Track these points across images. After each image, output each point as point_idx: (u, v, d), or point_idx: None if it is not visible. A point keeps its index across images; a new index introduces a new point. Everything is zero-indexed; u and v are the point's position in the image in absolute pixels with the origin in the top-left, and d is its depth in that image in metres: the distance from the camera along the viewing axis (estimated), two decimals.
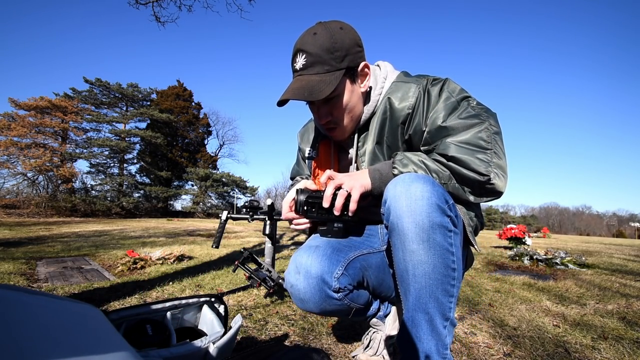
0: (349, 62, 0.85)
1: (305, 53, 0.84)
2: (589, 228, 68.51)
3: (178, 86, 28.01)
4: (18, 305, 0.27)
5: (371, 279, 0.94)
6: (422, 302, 0.72)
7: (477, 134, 0.79)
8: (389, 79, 0.95)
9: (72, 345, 0.28)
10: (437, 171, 0.80)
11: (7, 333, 0.24)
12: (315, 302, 0.85)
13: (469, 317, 1.63)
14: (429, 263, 0.70)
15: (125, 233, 6.76)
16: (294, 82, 0.87)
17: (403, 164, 0.81)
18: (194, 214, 25.35)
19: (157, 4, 4.62)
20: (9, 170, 19.40)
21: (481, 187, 0.79)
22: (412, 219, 0.69)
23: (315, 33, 0.84)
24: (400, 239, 0.72)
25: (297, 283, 0.85)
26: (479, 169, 0.77)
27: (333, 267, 0.84)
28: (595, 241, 12.23)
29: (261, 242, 5.60)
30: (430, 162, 0.81)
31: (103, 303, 1.70)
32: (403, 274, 0.74)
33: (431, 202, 0.69)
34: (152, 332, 0.81)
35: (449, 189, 0.80)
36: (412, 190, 0.70)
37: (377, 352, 1.06)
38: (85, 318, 0.33)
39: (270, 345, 1.20)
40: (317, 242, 0.91)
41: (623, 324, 1.59)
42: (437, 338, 0.73)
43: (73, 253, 3.68)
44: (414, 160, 0.81)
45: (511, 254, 4.06)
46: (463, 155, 0.78)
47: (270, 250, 2.07)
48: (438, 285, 0.71)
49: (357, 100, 0.91)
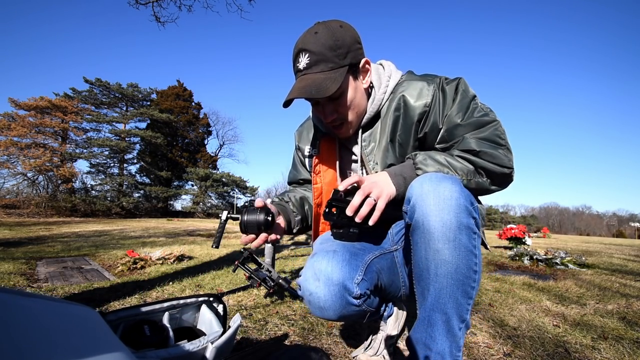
0: (351, 59, 0.86)
1: (309, 52, 0.84)
2: (589, 228, 68.53)
3: (178, 86, 28.03)
4: (14, 308, 0.27)
5: (384, 281, 0.93)
6: (441, 303, 0.72)
7: (494, 131, 0.82)
8: (394, 78, 0.95)
9: (68, 347, 0.28)
10: (462, 168, 0.81)
11: (4, 336, 0.24)
12: (335, 310, 0.81)
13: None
14: (452, 263, 0.70)
15: (125, 233, 6.76)
16: (298, 81, 0.86)
17: (426, 165, 0.81)
18: (194, 214, 25.37)
19: (157, 4, 4.62)
20: (9, 170, 19.44)
21: (504, 178, 0.83)
22: (440, 218, 0.69)
23: (317, 32, 0.84)
24: (424, 237, 0.71)
25: (317, 290, 0.81)
26: (504, 162, 0.80)
27: (353, 273, 0.82)
28: (595, 241, 12.23)
29: None
30: (453, 160, 0.82)
31: (103, 303, 1.70)
32: (423, 272, 0.73)
33: (459, 202, 0.69)
34: (150, 333, 0.81)
35: (471, 185, 0.81)
36: (440, 190, 0.70)
37: (378, 352, 1.06)
38: (81, 320, 0.33)
39: (269, 345, 1.20)
40: (333, 247, 0.88)
41: (623, 324, 1.59)
42: (452, 339, 0.72)
43: (73, 253, 3.68)
44: (438, 159, 0.82)
45: (511, 254, 4.06)
46: (488, 150, 0.80)
47: (270, 250, 2.07)
48: (459, 286, 0.71)
49: (360, 97, 0.92)
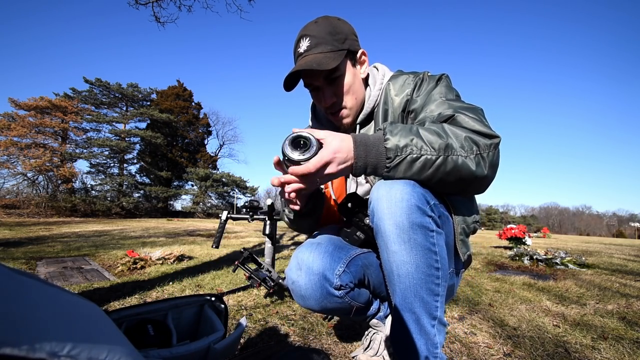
0: (349, 45, 0.91)
1: (309, 37, 0.89)
2: (589, 228, 68.51)
3: (178, 86, 28.01)
4: (38, 291, 0.28)
5: (372, 277, 0.95)
6: (408, 302, 0.73)
7: (477, 113, 0.78)
8: (386, 78, 1.00)
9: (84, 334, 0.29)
10: (433, 141, 0.70)
11: (29, 313, 0.25)
12: (316, 299, 0.85)
13: (469, 317, 1.63)
14: (411, 263, 0.71)
15: (125, 233, 6.76)
16: (299, 61, 0.90)
17: (392, 131, 0.71)
18: (194, 214, 25.36)
19: (157, 4, 4.61)
20: (9, 170, 19.41)
21: (491, 151, 0.72)
22: (393, 220, 0.70)
23: (317, 22, 0.91)
24: (383, 240, 0.73)
25: (298, 279, 0.86)
26: (486, 130, 0.73)
27: (335, 264, 0.85)
28: (595, 241, 12.23)
29: (261, 242, 5.60)
30: (425, 131, 0.71)
31: (103, 303, 1.70)
32: (389, 274, 0.75)
33: (410, 203, 0.70)
34: (154, 332, 0.81)
35: (448, 165, 0.70)
36: (392, 193, 0.71)
37: (378, 353, 1.06)
38: (91, 313, 0.34)
39: (271, 346, 1.21)
40: (320, 240, 0.92)
41: (623, 324, 1.59)
42: (426, 337, 0.74)
43: (73, 253, 3.68)
44: (408, 127, 0.72)
45: (511, 254, 4.06)
46: (468, 116, 0.75)
47: (270, 250, 2.07)
48: (422, 284, 0.72)
49: (359, 84, 0.96)
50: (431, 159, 0.69)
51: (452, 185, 0.75)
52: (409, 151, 0.69)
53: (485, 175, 0.73)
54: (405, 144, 0.69)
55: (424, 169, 0.70)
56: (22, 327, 0.24)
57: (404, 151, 0.69)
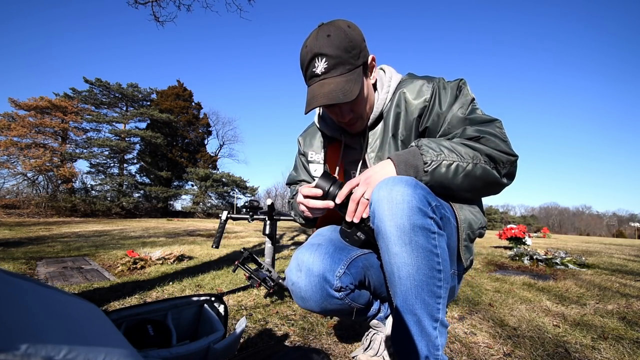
0: (363, 58, 0.89)
1: (325, 56, 0.83)
2: (589, 228, 68.52)
3: (178, 86, 27.99)
4: (33, 294, 0.28)
5: (372, 278, 0.94)
6: (409, 304, 0.73)
7: (496, 127, 0.85)
8: (394, 79, 1.00)
9: (81, 337, 0.29)
10: (467, 152, 0.80)
11: (24, 318, 0.25)
12: (316, 301, 0.85)
13: (469, 317, 1.63)
14: (412, 265, 0.71)
15: (125, 233, 6.76)
16: (318, 86, 0.86)
17: (429, 148, 0.80)
18: (194, 214, 25.35)
19: (157, 4, 4.61)
20: (9, 170, 19.39)
21: (511, 166, 0.83)
22: (394, 222, 0.70)
23: (329, 35, 0.84)
24: (384, 242, 0.73)
25: (298, 281, 0.85)
26: (506, 150, 0.82)
27: (335, 266, 0.84)
28: (595, 241, 12.23)
29: (261, 242, 5.60)
30: (458, 145, 0.81)
31: (103, 303, 1.70)
32: (390, 276, 0.75)
33: (412, 205, 0.70)
34: (154, 332, 0.81)
35: (477, 171, 0.79)
36: (393, 194, 0.71)
37: (378, 353, 1.06)
38: (90, 314, 0.34)
39: (271, 346, 1.20)
40: (320, 240, 0.92)
41: (623, 324, 1.59)
42: (427, 339, 0.73)
43: (73, 253, 3.68)
44: (443, 144, 0.81)
45: (511, 254, 4.06)
46: (490, 137, 0.82)
47: (270, 250, 2.07)
48: (423, 286, 0.71)
49: (371, 92, 0.98)
50: (462, 165, 0.78)
51: (478, 191, 0.85)
52: (442, 157, 0.79)
53: (505, 183, 0.85)
54: (440, 152, 0.79)
55: (456, 174, 0.79)
56: (17, 332, 0.23)
57: (439, 157, 0.79)
